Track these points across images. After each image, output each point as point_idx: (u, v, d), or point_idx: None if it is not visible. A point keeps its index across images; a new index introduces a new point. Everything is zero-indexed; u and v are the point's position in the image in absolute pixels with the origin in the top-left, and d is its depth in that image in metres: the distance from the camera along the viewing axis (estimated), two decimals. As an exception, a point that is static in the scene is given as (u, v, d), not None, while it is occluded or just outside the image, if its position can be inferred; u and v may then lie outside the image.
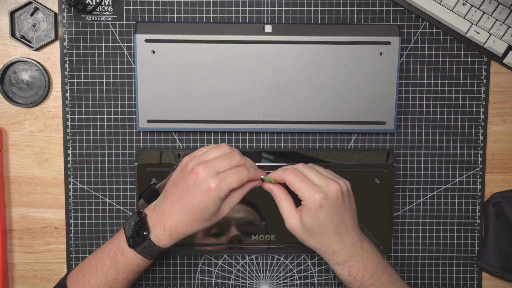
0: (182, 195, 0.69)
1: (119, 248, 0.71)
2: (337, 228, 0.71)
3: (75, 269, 0.75)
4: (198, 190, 0.68)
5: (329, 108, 0.80)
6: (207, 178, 0.67)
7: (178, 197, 0.69)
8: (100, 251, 0.73)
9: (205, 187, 0.67)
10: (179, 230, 0.70)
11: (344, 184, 0.72)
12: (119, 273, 0.71)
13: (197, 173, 0.68)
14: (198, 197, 0.68)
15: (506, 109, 0.84)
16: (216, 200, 0.68)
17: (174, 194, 0.70)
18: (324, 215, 0.70)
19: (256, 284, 0.86)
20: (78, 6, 0.78)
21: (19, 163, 0.83)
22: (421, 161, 0.84)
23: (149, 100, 0.80)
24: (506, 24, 0.80)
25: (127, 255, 0.71)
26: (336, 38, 0.79)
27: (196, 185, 0.68)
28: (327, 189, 0.70)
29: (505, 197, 0.83)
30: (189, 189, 0.68)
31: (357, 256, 0.72)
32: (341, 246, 0.72)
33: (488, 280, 0.86)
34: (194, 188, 0.68)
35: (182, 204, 0.69)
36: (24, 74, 0.82)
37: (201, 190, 0.67)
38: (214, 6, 0.81)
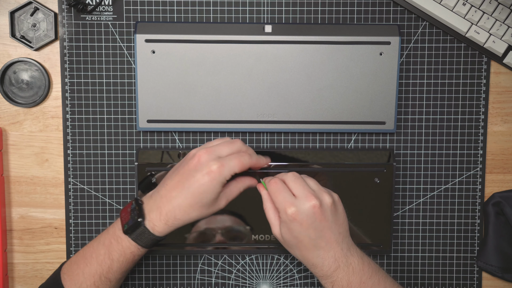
0: (182, 179, 0.69)
1: (114, 235, 0.71)
2: (315, 242, 0.70)
3: (69, 260, 0.74)
4: (199, 173, 0.68)
5: (329, 108, 0.80)
6: (208, 160, 0.68)
7: (178, 181, 0.69)
8: (95, 241, 0.73)
9: (206, 169, 0.67)
10: (176, 216, 0.69)
11: (329, 198, 0.70)
12: (113, 262, 0.70)
13: (198, 156, 0.69)
14: (199, 180, 0.68)
15: (506, 109, 0.84)
16: (216, 184, 0.68)
17: (174, 179, 0.70)
18: (298, 228, 0.69)
19: (256, 284, 0.86)
20: (78, 6, 0.78)
21: (19, 163, 0.83)
22: (421, 161, 0.84)
23: (149, 100, 0.80)
24: (506, 24, 0.80)
25: (122, 242, 0.70)
26: (336, 38, 0.79)
27: (197, 168, 0.68)
28: (302, 203, 0.69)
29: (505, 197, 0.83)
30: (190, 173, 0.68)
31: (341, 272, 0.70)
32: (321, 260, 0.70)
33: (488, 280, 0.86)
34: (195, 171, 0.68)
35: (181, 188, 0.68)
36: (24, 74, 0.82)
37: (202, 173, 0.68)
38: (214, 6, 0.81)
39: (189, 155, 0.71)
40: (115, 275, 0.71)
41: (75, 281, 0.71)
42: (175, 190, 0.69)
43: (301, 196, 0.69)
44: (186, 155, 0.72)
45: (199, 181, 0.68)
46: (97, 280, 0.71)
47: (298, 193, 0.70)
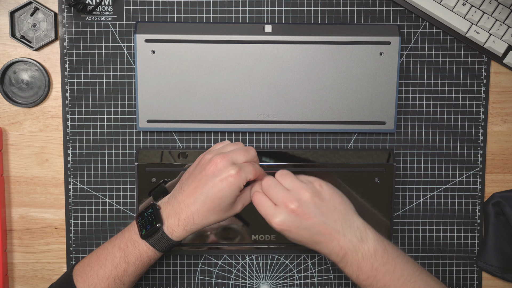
0: (200, 185, 0.69)
1: (131, 239, 0.71)
2: (312, 240, 0.69)
3: (82, 262, 0.74)
4: (217, 178, 0.68)
5: (329, 108, 0.80)
6: (226, 166, 0.68)
7: (196, 187, 0.69)
8: (110, 244, 0.73)
9: (225, 174, 0.68)
10: (194, 221, 0.69)
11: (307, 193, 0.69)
12: (129, 265, 0.71)
13: (216, 162, 0.69)
14: (217, 185, 0.68)
15: (506, 109, 0.84)
16: (235, 188, 0.68)
17: (191, 184, 0.70)
18: (291, 235, 0.69)
19: (256, 284, 0.86)
20: (78, 6, 0.78)
21: (19, 163, 0.83)
22: (421, 161, 0.84)
23: (149, 100, 0.80)
24: (506, 24, 0.80)
25: (139, 246, 0.71)
26: (336, 38, 0.79)
27: (215, 173, 0.68)
28: (282, 211, 0.68)
29: (505, 197, 0.83)
30: (208, 178, 0.69)
31: (349, 258, 0.69)
32: (327, 251, 0.70)
33: (488, 280, 0.86)
34: (213, 177, 0.68)
35: (200, 194, 0.69)
36: (24, 74, 0.82)
37: (221, 178, 0.68)
38: (214, 6, 0.81)
39: (203, 159, 0.71)
40: (130, 278, 0.72)
41: (89, 282, 0.71)
42: (193, 196, 0.69)
43: (279, 203, 0.68)
44: (199, 159, 0.72)
45: (218, 186, 0.68)
46: (111, 283, 0.71)
47: (276, 200, 0.69)
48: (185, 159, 0.81)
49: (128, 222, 0.84)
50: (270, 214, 0.68)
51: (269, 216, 0.69)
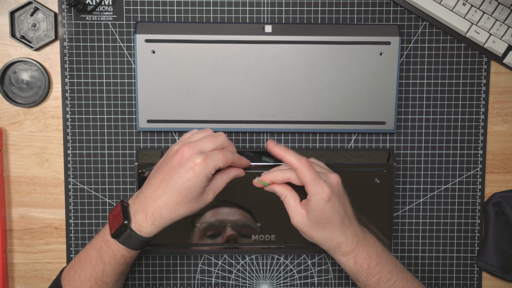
0: (166, 177, 0.67)
1: (104, 239, 0.70)
2: (341, 220, 0.70)
3: (68, 265, 0.74)
4: (183, 168, 0.66)
5: (329, 108, 0.80)
6: (192, 155, 0.67)
7: (162, 179, 0.68)
8: (89, 245, 0.72)
9: (191, 163, 0.66)
10: (162, 215, 0.68)
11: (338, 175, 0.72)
12: (106, 265, 0.70)
13: (182, 152, 0.67)
14: (183, 175, 0.66)
15: (506, 109, 0.84)
16: (202, 178, 0.67)
17: (158, 177, 0.68)
18: (331, 208, 0.69)
19: (256, 284, 0.86)
20: (78, 6, 0.78)
21: (19, 163, 0.83)
22: (421, 161, 0.84)
23: (149, 100, 0.80)
24: (506, 24, 0.80)
25: (111, 246, 0.70)
26: (336, 38, 0.79)
27: (181, 164, 0.67)
28: (330, 182, 0.69)
29: (505, 197, 0.83)
30: (174, 169, 0.67)
31: (361, 245, 0.71)
32: (345, 237, 0.71)
33: (488, 280, 0.86)
34: (180, 167, 0.67)
35: (166, 186, 0.67)
36: (24, 74, 0.82)
37: (186, 168, 0.66)
38: (214, 6, 0.81)
39: (171, 151, 0.70)
40: (110, 278, 0.71)
41: (74, 285, 0.71)
42: (160, 189, 0.68)
43: (324, 177, 0.69)
44: (168, 151, 0.71)
45: (184, 176, 0.66)
46: (94, 284, 0.71)
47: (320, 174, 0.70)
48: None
49: (128, 222, 0.84)
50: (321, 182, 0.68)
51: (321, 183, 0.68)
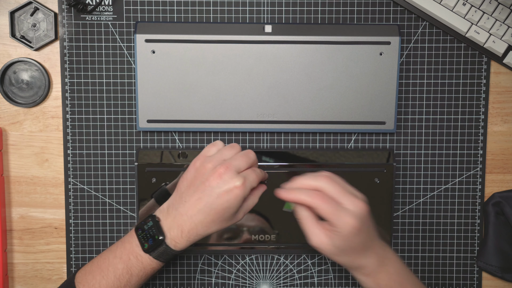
0: (203, 196, 0.68)
1: (133, 252, 0.70)
2: (365, 245, 0.69)
3: (83, 269, 0.73)
4: (222, 190, 0.67)
5: (329, 108, 0.80)
6: (231, 177, 0.67)
7: (199, 198, 0.68)
8: (111, 254, 0.72)
9: (230, 186, 0.67)
10: (198, 232, 0.69)
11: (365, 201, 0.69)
12: (132, 276, 0.70)
13: (220, 173, 0.68)
14: (222, 197, 0.67)
15: (506, 109, 0.84)
16: (240, 199, 0.68)
17: (193, 195, 0.69)
18: (357, 238, 0.68)
19: (256, 284, 0.86)
20: (78, 6, 0.78)
21: (19, 163, 0.83)
22: (421, 161, 0.84)
23: (149, 100, 0.80)
24: (506, 24, 0.80)
25: (142, 259, 0.70)
26: (336, 38, 0.79)
27: (220, 185, 0.67)
28: (358, 212, 0.67)
29: (505, 197, 0.83)
30: (212, 190, 0.68)
31: (382, 266, 0.71)
32: (369, 260, 0.70)
33: (488, 280, 0.86)
34: (218, 188, 0.67)
35: (204, 205, 0.68)
36: (24, 74, 0.82)
37: (226, 189, 0.67)
38: (214, 6, 0.81)
39: (203, 168, 0.69)
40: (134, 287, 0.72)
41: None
42: (196, 207, 0.68)
43: (352, 205, 0.67)
44: (196, 167, 0.70)
45: (223, 197, 0.67)
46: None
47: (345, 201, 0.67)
48: (185, 159, 0.81)
49: (128, 222, 0.84)
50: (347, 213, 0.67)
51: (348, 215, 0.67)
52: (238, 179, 0.67)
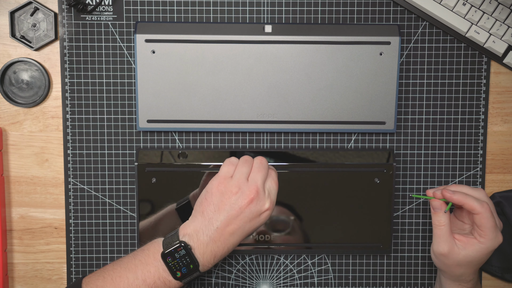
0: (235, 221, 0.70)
1: (160, 277, 0.69)
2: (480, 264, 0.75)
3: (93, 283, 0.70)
4: (254, 214, 0.70)
5: (329, 108, 0.80)
6: (261, 200, 0.70)
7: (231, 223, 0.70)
8: (131, 274, 0.69)
9: (261, 209, 0.70)
10: (229, 252, 0.71)
11: None
12: None
13: (251, 199, 0.69)
14: (254, 220, 0.70)
15: (506, 109, 0.84)
16: (269, 217, 0.72)
17: (224, 221, 0.69)
18: (487, 256, 0.74)
19: (256, 284, 0.86)
20: (78, 6, 0.78)
21: (19, 163, 0.83)
22: (421, 161, 0.84)
23: (149, 100, 0.80)
24: (506, 24, 0.80)
25: (170, 284, 0.69)
26: (336, 38, 0.79)
27: (252, 209, 0.70)
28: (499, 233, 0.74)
29: (505, 197, 0.83)
30: (243, 215, 0.70)
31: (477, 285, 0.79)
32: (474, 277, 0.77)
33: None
34: (250, 213, 0.70)
35: (237, 230, 0.70)
36: (24, 74, 0.82)
37: (258, 213, 0.70)
38: (214, 6, 0.81)
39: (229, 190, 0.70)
40: None
41: None
42: (229, 232, 0.70)
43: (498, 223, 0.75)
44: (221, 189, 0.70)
45: (255, 220, 0.70)
46: None
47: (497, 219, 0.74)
48: (185, 159, 0.81)
49: (128, 222, 0.84)
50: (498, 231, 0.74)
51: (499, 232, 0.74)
52: (267, 201, 0.71)
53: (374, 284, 0.86)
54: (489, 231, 0.72)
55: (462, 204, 0.73)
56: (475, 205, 0.72)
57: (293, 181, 0.81)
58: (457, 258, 0.74)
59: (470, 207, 0.73)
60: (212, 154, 0.82)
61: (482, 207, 0.72)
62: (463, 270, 0.75)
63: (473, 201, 0.72)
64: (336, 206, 0.82)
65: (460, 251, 0.73)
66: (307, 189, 0.82)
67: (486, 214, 0.72)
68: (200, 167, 0.81)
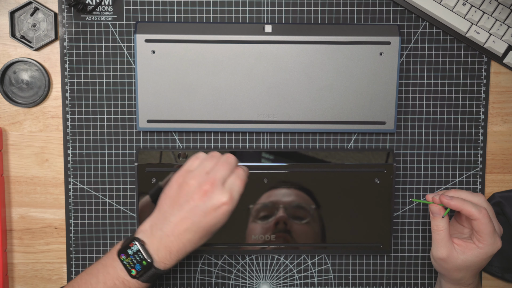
0: (189, 215, 0.66)
1: (118, 278, 0.67)
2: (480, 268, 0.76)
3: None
4: (209, 207, 0.65)
5: (329, 108, 0.80)
6: (218, 193, 0.66)
7: (185, 217, 0.66)
8: (93, 278, 0.68)
9: (217, 202, 0.65)
10: (186, 250, 0.67)
11: None
12: None
13: (205, 191, 0.66)
14: (210, 214, 0.66)
15: (506, 109, 0.84)
16: (228, 214, 0.66)
17: (178, 214, 0.66)
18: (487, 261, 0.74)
19: (256, 284, 0.86)
20: (78, 6, 0.78)
21: (19, 163, 0.83)
22: (421, 161, 0.84)
23: (149, 100, 0.80)
24: (506, 24, 0.80)
25: (129, 284, 0.67)
26: (336, 38, 0.79)
27: (206, 203, 0.65)
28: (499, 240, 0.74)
29: (505, 197, 0.83)
30: (197, 208, 0.66)
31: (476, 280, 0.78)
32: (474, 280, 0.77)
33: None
34: (204, 206, 0.66)
35: (191, 224, 0.66)
36: (24, 74, 0.82)
37: (213, 207, 0.66)
38: (214, 6, 0.81)
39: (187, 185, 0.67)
40: None
41: None
42: (182, 226, 0.66)
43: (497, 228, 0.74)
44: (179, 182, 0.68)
45: (211, 215, 0.66)
46: None
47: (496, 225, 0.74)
48: (185, 159, 0.81)
49: (128, 222, 0.84)
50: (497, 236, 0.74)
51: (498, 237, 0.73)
52: (224, 194, 0.66)
53: (374, 284, 0.86)
54: (487, 237, 0.72)
55: (460, 210, 0.73)
56: (473, 211, 0.72)
57: (293, 181, 0.81)
58: (455, 263, 0.74)
59: (468, 213, 0.72)
60: (212, 154, 0.82)
61: (480, 213, 0.72)
62: (462, 274, 0.75)
63: (471, 207, 0.72)
64: (336, 206, 0.82)
65: (459, 256, 0.73)
66: (307, 189, 0.82)
67: (484, 220, 0.72)
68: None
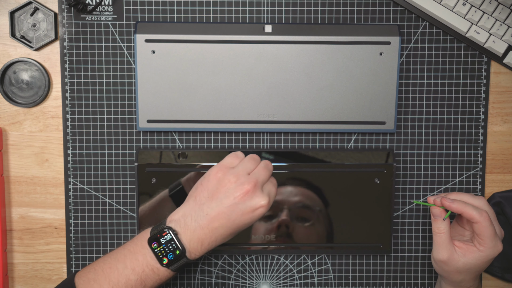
0: (227, 212, 0.68)
1: (148, 265, 0.68)
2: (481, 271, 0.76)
3: (85, 276, 0.70)
4: (248, 207, 0.68)
5: (329, 108, 0.80)
6: (258, 195, 0.68)
7: (222, 212, 0.68)
8: (119, 264, 0.69)
9: (256, 204, 0.68)
10: (216, 243, 0.69)
11: None
12: (146, 287, 0.69)
13: (247, 191, 0.68)
14: (247, 214, 0.68)
15: (506, 109, 0.84)
16: (262, 216, 0.69)
17: (216, 209, 0.68)
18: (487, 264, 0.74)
19: (256, 284, 0.86)
20: (78, 6, 0.78)
21: (19, 163, 0.83)
22: (421, 161, 0.84)
23: (149, 100, 0.80)
24: (506, 24, 0.80)
25: (158, 272, 0.69)
26: (336, 38, 0.79)
27: (246, 203, 0.68)
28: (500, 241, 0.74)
29: (505, 197, 0.83)
30: (236, 206, 0.68)
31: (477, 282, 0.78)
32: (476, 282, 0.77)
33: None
34: (244, 205, 0.68)
35: (227, 221, 0.68)
36: (24, 74, 0.82)
37: (252, 208, 0.68)
38: (214, 6, 0.81)
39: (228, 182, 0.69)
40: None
41: None
42: (219, 221, 0.68)
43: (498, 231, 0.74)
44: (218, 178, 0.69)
45: (248, 215, 0.68)
46: None
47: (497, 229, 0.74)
48: (185, 159, 0.81)
49: (128, 222, 0.84)
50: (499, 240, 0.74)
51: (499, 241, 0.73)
52: (264, 198, 0.68)
53: (374, 284, 0.86)
54: (488, 240, 0.72)
55: (461, 212, 0.73)
56: (474, 214, 0.72)
57: (293, 181, 0.81)
58: (456, 265, 0.74)
59: (469, 216, 0.72)
60: (212, 154, 0.82)
61: (481, 216, 0.72)
62: (462, 277, 0.75)
63: (472, 210, 0.72)
64: (336, 206, 0.82)
65: (459, 258, 0.73)
66: (307, 189, 0.82)
67: (485, 223, 0.72)
68: (200, 168, 0.81)
